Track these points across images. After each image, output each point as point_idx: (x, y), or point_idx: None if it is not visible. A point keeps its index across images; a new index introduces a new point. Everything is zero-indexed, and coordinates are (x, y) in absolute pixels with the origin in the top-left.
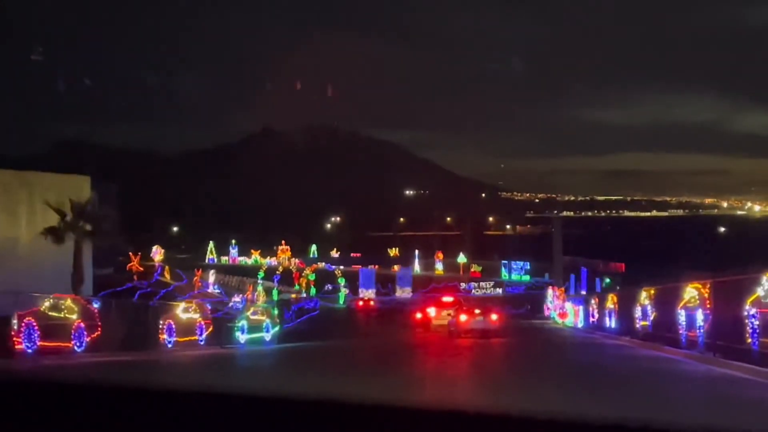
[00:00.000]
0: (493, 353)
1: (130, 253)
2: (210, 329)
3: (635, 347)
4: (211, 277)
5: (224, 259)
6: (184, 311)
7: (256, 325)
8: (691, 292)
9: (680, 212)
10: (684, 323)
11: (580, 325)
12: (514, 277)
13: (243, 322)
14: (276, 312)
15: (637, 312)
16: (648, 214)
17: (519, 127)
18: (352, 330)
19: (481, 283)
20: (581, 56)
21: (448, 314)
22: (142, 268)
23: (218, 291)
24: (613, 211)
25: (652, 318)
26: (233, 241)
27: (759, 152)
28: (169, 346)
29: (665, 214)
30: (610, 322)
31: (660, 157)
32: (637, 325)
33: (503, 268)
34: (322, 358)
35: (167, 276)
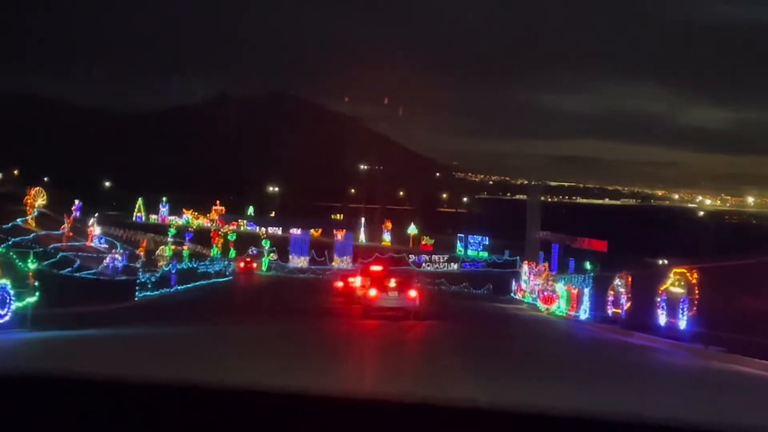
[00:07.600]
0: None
1: None
2: None
3: None
4: (96, 228)
5: (153, 217)
6: None
7: None
8: None
9: (632, 201)
10: None
11: (583, 316)
12: (471, 253)
13: None
14: (32, 267)
15: None
16: (601, 201)
17: (475, 109)
18: (244, 305)
19: (433, 256)
20: (540, 41)
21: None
22: None
23: (104, 245)
24: (566, 197)
25: None
26: (164, 199)
27: (707, 147)
28: None
29: (618, 202)
30: (670, 320)
31: (613, 146)
32: None
33: (459, 243)
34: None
35: (31, 222)
